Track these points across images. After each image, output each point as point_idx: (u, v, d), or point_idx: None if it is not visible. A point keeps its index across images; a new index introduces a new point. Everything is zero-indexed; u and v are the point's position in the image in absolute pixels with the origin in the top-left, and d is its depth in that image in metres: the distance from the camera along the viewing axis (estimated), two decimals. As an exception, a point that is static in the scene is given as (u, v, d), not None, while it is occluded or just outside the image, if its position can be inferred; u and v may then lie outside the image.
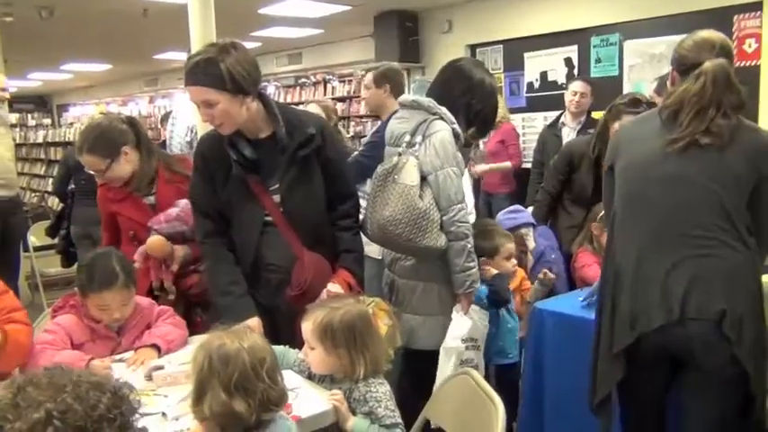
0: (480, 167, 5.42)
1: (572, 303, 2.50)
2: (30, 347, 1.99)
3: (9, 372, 1.94)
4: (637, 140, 2.04)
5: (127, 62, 11.47)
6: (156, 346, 2.11)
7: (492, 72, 7.38)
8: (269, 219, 2.25)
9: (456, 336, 2.38)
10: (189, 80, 2.11)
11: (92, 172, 2.58)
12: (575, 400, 2.20)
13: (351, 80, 10.07)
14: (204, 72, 2.07)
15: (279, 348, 1.91)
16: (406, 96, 2.53)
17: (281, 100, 11.08)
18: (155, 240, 2.44)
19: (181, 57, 10.11)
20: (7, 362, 1.93)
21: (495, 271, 2.63)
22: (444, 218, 2.32)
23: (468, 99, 2.47)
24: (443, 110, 2.39)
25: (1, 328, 1.87)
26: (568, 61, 6.56)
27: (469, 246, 2.35)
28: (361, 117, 9.80)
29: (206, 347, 1.43)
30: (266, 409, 1.38)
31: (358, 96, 9.92)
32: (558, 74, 6.65)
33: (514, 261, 2.79)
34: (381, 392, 1.78)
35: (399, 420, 1.77)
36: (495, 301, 2.58)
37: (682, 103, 1.90)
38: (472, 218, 3.05)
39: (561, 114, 4.95)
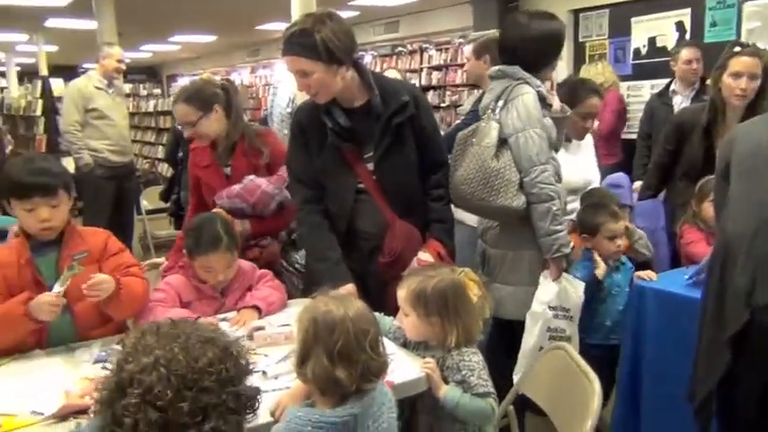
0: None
1: (677, 281, 2.38)
2: (145, 298, 2.13)
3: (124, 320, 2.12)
4: (752, 133, 1.94)
5: (231, 33, 11.82)
6: (256, 308, 2.20)
7: (596, 38, 7.10)
8: (362, 186, 2.30)
9: (543, 301, 2.33)
10: (285, 50, 2.16)
11: (180, 126, 2.69)
12: (677, 387, 2.09)
13: (448, 48, 9.93)
14: (299, 42, 2.12)
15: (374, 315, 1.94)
16: (493, 68, 2.49)
17: (377, 69, 11.12)
18: (216, 213, 2.55)
19: (282, 27, 10.29)
20: (123, 310, 2.07)
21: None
22: (525, 179, 2.28)
23: (522, 53, 2.37)
24: (528, 75, 2.35)
25: (117, 278, 2.00)
26: (680, 25, 6.16)
27: (554, 208, 2.28)
28: (457, 86, 9.67)
29: (312, 311, 1.44)
30: (367, 379, 1.40)
31: (454, 65, 9.79)
32: (668, 39, 6.26)
33: (620, 242, 2.61)
34: (474, 362, 1.78)
35: (492, 390, 1.77)
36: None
37: None
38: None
39: (671, 82, 4.68)
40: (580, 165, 2.88)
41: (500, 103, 2.35)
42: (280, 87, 3.37)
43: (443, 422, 1.80)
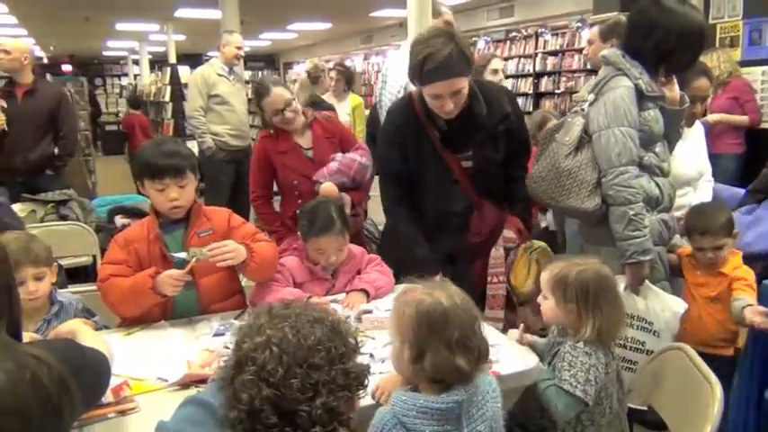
0: (712, 117, 4.86)
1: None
2: (276, 259, 2.26)
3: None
4: None
5: (345, 20, 12.04)
6: (365, 291, 2.25)
7: (729, 20, 6.60)
8: (454, 178, 2.42)
9: None
10: (442, 75, 2.18)
11: (270, 113, 2.88)
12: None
13: (564, 33, 9.60)
14: (459, 62, 2.18)
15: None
16: (602, 52, 2.38)
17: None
18: (328, 186, 2.81)
19: (395, 14, 10.38)
20: (260, 273, 2.19)
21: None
22: (602, 180, 2.22)
23: (655, 41, 2.23)
24: (629, 64, 2.23)
25: (248, 245, 2.11)
26: (828, 4, 5.61)
27: (632, 212, 2.17)
28: (573, 72, 9.35)
29: (416, 305, 1.41)
30: (480, 362, 1.41)
31: (571, 50, 9.45)
32: (815, 19, 5.72)
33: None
34: (580, 361, 1.72)
35: (580, 395, 1.69)
36: None
37: None
38: (703, 194, 2.77)
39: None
40: (689, 153, 2.70)
41: (591, 96, 2.28)
42: (389, 75, 3.38)
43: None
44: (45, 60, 15.98)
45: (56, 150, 4.40)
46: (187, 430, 1.24)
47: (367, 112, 8.35)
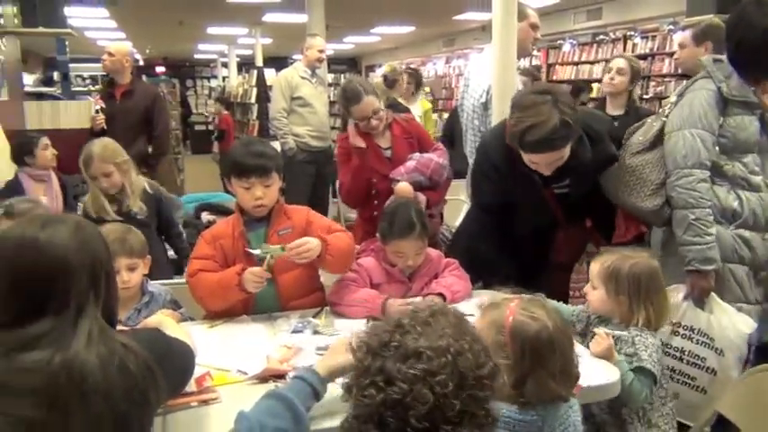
0: None
1: None
2: (352, 251, 2.27)
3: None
4: None
5: (429, 24, 12.04)
6: (442, 295, 2.23)
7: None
8: (546, 202, 2.41)
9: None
10: (543, 149, 2.16)
11: (357, 118, 2.92)
12: None
13: (655, 36, 9.26)
14: (562, 135, 2.13)
15: (551, 303, 1.91)
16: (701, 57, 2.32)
17: (577, 58, 10.68)
18: (403, 186, 2.85)
19: (479, 17, 10.30)
20: (336, 265, 2.23)
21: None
22: (667, 180, 2.21)
23: (746, 42, 2.16)
24: (715, 67, 2.19)
25: (323, 238, 2.14)
26: None
27: (692, 217, 2.12)
28: (664, 76, 8.99)
29: (518, 331, 1.36)
30: (572, 386, 1.38)
31: (662, 53, 9.11)
32: None
33: None
34: (650, 342, 1.81)
35: (657, 374, 1.77)
36: None
37: None
38: None
39: None
40: None
41: (674, 98, 2.27)
42: (472, 79, 3.35)
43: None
44: (141, 62, 16.80)
45: (149, 149, 4.61)
46: (266, 422, 1.28)
47: (435, 116, 8.40)
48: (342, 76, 15.98)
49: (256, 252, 2.09)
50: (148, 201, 3.04)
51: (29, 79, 8.09)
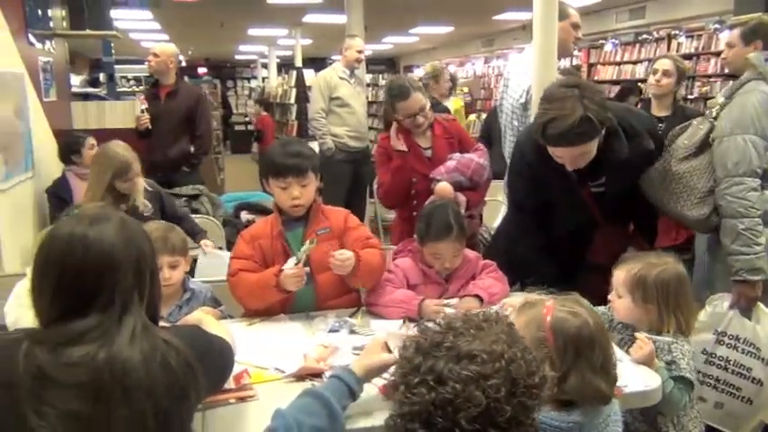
0: None
1: None
2: (382, 268, 2.27)
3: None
4: None
5: (468, 24, 11.98)
6: (479, 297, 2.22)
7: None
8: (583, 201, 2.36)
9: (700, 320, 2.12)
10: (562, 142, 2.12)
11: (402, 115, 2.92)
12: None
13: (700, 35, 9.03)
14: (584, 131, 2.08)
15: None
16: (749, 55, 2.23)
17: (619, 58, 10.50)
18: (443, 186, 2.83)
19: (519, 17, 10.21)
20: (364, 281, 2.23)
21: None
22: (716, 188, 2.12)
23: None
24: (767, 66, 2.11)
25: (357, 252, 2.15)
26: None
27: (741, 227, 2.05)
28: (709, 77, 8.78)
29: (559, 326, 1.35)
30: (615, 383, 1.37)
31: (707, 53, 8.89)
32: None
33: None
34: (687, 349, 1.79)
35: (695, 384, 1.75)
36: None
37: None
38: None
39: None
40: None
41: (722, 99, 2.19)
42: (511, 79, 3.33)
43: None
44: (183, 63, 17.13)
45: (192, 149, 4.69)
46: (302, 419, 1.29)
47: (473, 116, 8.37)
48: (380, 76, 16.01)
49: (291, 262, 2.09)
50: (152, 198, 3.19)
51: (76, 80, 8.31)
